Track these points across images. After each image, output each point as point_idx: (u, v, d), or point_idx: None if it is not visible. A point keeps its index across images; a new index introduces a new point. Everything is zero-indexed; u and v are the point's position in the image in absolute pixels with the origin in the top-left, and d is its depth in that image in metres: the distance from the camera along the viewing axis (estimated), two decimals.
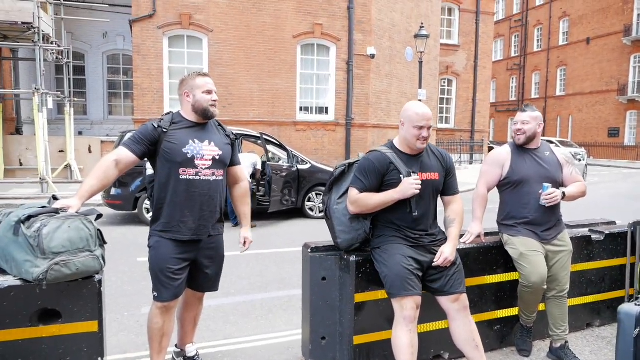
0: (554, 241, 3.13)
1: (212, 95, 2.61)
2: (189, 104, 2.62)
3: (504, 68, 40.79)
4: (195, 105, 2.60)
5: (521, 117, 3.14)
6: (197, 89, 2.59)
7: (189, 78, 2.64)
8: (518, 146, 3.18)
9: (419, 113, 2.57)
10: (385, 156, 2.64)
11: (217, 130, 2.75)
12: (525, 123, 3.12)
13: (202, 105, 2.59)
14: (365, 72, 14.45)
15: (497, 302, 3.33)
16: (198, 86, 2.59)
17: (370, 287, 2.84)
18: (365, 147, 14.75)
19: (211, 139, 2.64)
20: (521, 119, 3.14)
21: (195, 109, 2.60)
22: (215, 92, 2.65)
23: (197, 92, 2.58)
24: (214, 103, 2.63)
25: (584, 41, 33.96)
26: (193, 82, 2.61)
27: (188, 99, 2.61)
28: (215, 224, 2.70)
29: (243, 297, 4.44)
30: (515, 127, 3.16)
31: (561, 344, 3.19)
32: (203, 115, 2.62)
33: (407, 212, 2.60)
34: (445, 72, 21.29)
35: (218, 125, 2.78)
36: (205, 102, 2.59)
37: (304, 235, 7.27)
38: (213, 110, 2.63)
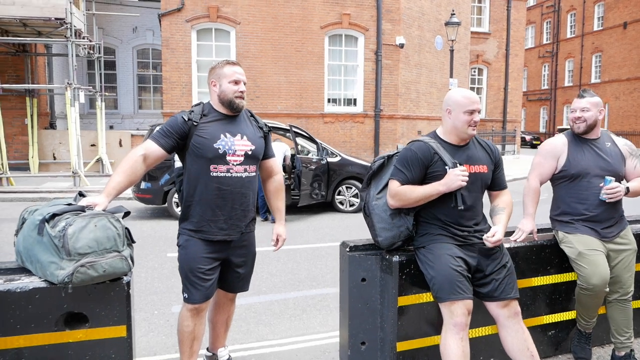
0: (616, 239, 2.84)
1: (239, 86, 2.42)
2: (215, 93, 2.45)
3: (536, 56, 39.49)
4: (220, 96, 2.42)
5: (579, 104, 2.84)
6: (224, 78, 2.41)
7: (218, 66, 2.46)
8: (576, 136, 2.89)
9: (468, 97, 2.38)
10: (428, 146, 2.41)
11: (250, 122, 2.57)
12: (584, 110, 2.81)
13: (227, 96, 2.41)
14: (394, 62, 14.10)
15: (551, 305, 3.06)
16: (225, 75, 2.41)
17: (415, 290, 2.62)
18: (394, 138, 14.45)
19: (243, 133, 2.46)
20: (580, 106, 2.83)
21: (221, 100, 2.43)
22: (244, 82, 2.46)
23: (223, 82, 2.41)
24: (241, 94, 2.44)
25: (620, 25, 32.47)
26: (221, 70, 2.43)
27: (215, 88, 2.44)
28: (249, 222, 2.53)
29: (275, 295, 4.29)
30: (573, 114, 2.86)
31: (626, 352, 2.90)
32: (229, 107, 2.44)
33: (452, 206, 2.37)
34: (475, 61, 20.64)
35: (250, 116, 2.60)
36: (231, 93, 2.41)
37: (335, 230, 7.11)
38: (239, 102, 2.44)
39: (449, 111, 2.41)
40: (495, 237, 2.35)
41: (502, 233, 2.39)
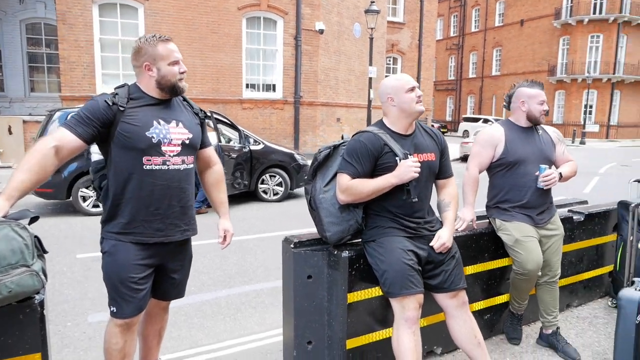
0: (547, 225, 2.97)
1: (180, 66, 2.11)
2: (152, 78, 2.08)
3: (443, 48, 41.69)
4: (161, 82, 2.08)
5: (544, 97, 2.92)
6: (162, 60, 2.06)
7: (147, 45, 2.07)
8: (513, 124, 2.95)
9: (401, 78, 2.37)
10: (378, 137, 2.30)
11: (184, 107, 2.25)
12: (545, 102, 2.91)
13: (170, 81, 2.08)
14: (313, 48, 14.02)
15: (487, 290, 3.15)
16: (162, 56, 2.06)
17: (364, 285, 2.53)
18: (314, 125, 14.44)
19: (179, 119, 2.15)
20: (544, 98, 2.91)
21: (161, 85, 2.09)
22: (182, 60, 2.16)
23: (161, 64, 2.06)
24: (183, 76, 2.14)
25: (518, 23, 35.31)
26: (154, 50, 2.06)
27: (151, 73, 2.07)
28: (189, 220, 2.25)
29: (205, 295, 4.00)
30: (542, 107, 2.90)
31: (552, 330, 3.06)
32: (171, 92, 2.13)
33: (404, 198, 2.29)
34: (390, 50, 21.24)
35: (183, 101, 2.27)
36: (174, 77, 2.09)
37: (261, 221, 6.88)
38: (182, 85, 2.13)
39: (391, 98, 2.32)
40: (438, 243, 2.34)
41: (447, 237, 2.37)
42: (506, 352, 3.03)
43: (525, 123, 2.93)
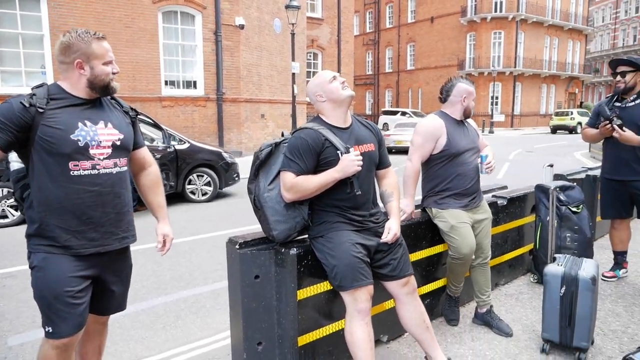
0: (479, 210, 3.15)
1: (113, 67, 1.97)
2: (82, 77, 1.92)
3: (361, 43, 42.76)
4: (94, 81, 1.92)
5: (473, 91, 3.10)
6: (96, 59, 1.91)
7: (80, 41, 1.90)
8: (449, 117, 3.09)
9: (320, 74, 2.42)
10: (318, 133, 2.31)
11: (112, 106, 2.09)
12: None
13: (103, 81, 1.93)
14: (234, 43, 13.74)
15: (426, 276, 3.28)
16: (95, 54, 1.91)
17: (313, 281, 2.52)
18: (238, 122, 14.19)
19: (108, 119, 2.00)
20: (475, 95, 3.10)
21: (93, 85, 1.93)
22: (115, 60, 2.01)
23: (96, 64, 1.91)
24: (115, 76, 1.99)
25: (428, 20, 37.11)
26: (88, 48, 1.90)
27: (82, 71, 1.91)
28: (127, 227, 2.10)
29: (140, 304, 3.78)
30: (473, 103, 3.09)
31: (487, 308, 3.27)
32: (102, 92, 1.98)
33: (347, 191, 2.32)
34: (311, 46, 21.41)
35: (111, 99, 2.11)
36: (107, 77, 1.94)
37: (191, 222, 6.64)
38: (114, 86, 1.99)
39: (319, 95, 2.36)
40: (390, 236, 2.39)
41: (397, 227, 2.43)
42: (446, 333, 3.19)
43: (460, 116, 3.09)
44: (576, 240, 3.84)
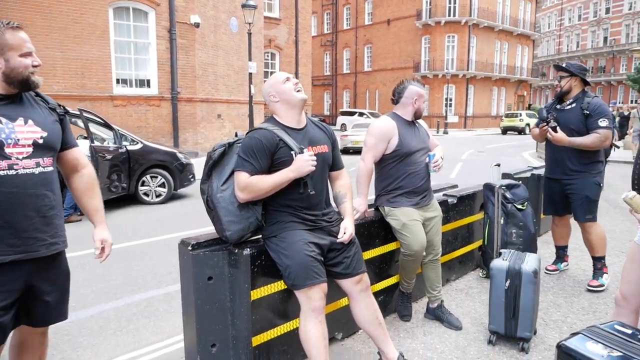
0: (429, 208, 3.25)
1: (33, 59, 1.86)
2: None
3: (319, 44, 42.96)
4: (10, 75, 1.80)
5: (424, 93, 3.18)
6: (12, 51, 1.79)
7: None
8: (400, 118, 3.17)
9: (274, 76, 2.46)
10: (272, 133, 2.32)
11: (36, 102, 1.96)
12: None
13: (21, 75, 1.82)
14: (189, 42, 13.49)
15: (380, 273, 3.35)
16: (10, 46, 1.79)
17: (267, 281, 2.53)
18: (194, 122, 13.94)
19: (28, 117, 1.87)
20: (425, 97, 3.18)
21: (9, 79, 1.81)
22: (35, 52, 1.91)
23: (11, 56, 1.79)
24: (36, 69, 1.88)
25: (385, 22, 37.74)
26: (2, 39, 1.79)
27: None
28: (55, 232, 1.96)
29: (89, 310, 3.65)
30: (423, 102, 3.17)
31: (438, 303, 3.37)
32: (21, 87, 1.86)
33: (301, 192, 2.35)
34: (268, 46, 21.31)
35: (36, 96, 1.98)
36: (26, 70, 1.83)
37: (145, 225, 6.48)
38: (36, 80, 1.88)
39: (272, 95, 2.38)
40: (347, 235, 2.43)
41: (352, 227, 2.48)
42: (399, 329, 3.27)
43: (411, 117, 3.17)
44: (521, 236, 4.02)
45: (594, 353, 1.48)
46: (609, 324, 1.65)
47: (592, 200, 3.88)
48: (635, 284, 2.23)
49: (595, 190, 3.87)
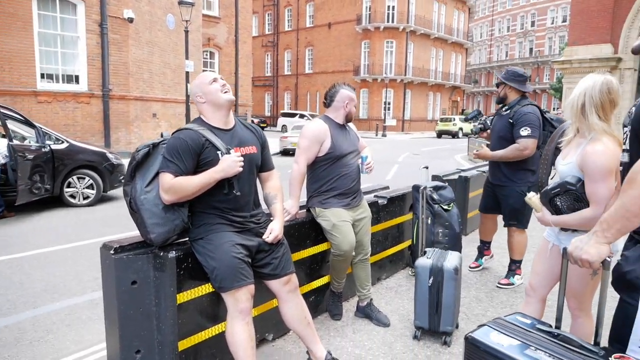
0: (359, 209, 3.34)
1: None
2: None
3: (260, 44, 42.68)
4: None
5: (355, 97, 3.25)
6: None
7: None
8: (331, 121, 3.23)
9: (202, 75, 2.44)
10: (198, 133, 2.30)
11: None
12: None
13: None
14: (122, 37, 12.95)
15: (311, 274, 3.40)
16: None
17: (193, 284, 2.49)
18: (127, 121, 13.41)
19: None
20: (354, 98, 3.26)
21: None
22: None
23: None
24: None
25: (326, 25, 38.15)
26: None
27: None
28: None
29: (3, 320, 3.41)
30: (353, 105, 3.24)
31: (367, 302, 3.47)
32: None
33: (225, 193, 2.34)
34: (207, 44, 20.89)
35: None
36: None
37: (71, 228, 6.14)
38: None
39: (199, 96, 2.37)
40: (272, 236, 2.45)
41: (279, 229, 2.50)
42: (330, 328, 3.33)
43: (342, 120, 3.24)
44: (447, 235, 4.23)
45: (496, 343, 1.59)
46: (512, 315, 1.79)
47: (515, 209, 4.06)
48: (542, 275, 2.43)
49: (518, 200, 3.94)
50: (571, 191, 2.02)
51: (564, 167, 2.20)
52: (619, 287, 1.63)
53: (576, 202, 2.01)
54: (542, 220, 2.25)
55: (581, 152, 2.09)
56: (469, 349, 1.65)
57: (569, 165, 2.16)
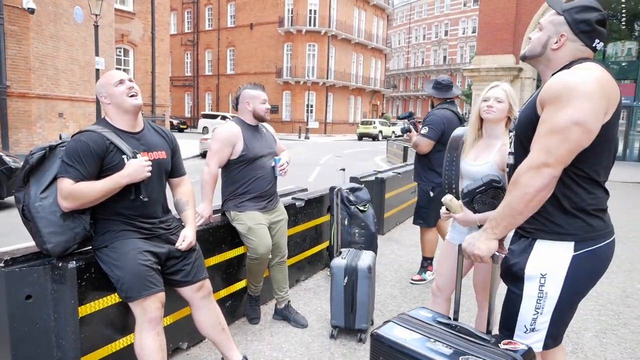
0: (275, 211, 3.34)
1: None
2: None
3: (179, 43, 41.31)
4: None
5: (264, 96, 3.22)
6: None
7: None
8: (245, 123, 3.20)
9: (108, 74, 2.33)
10: (101, 136, 2.19)
11: None
12: (265, 102, 3.22)
13: None
14: (22, 29, 11.93)
15: (227, 279, 3.34)
16: None
17: (97, 295, 2.35)
18: (29, 121, 12.37)
19: None
20: (267, 98, 3.23)
21: None
22: None
23: None
24: None
25: (248, 26, 37.78)
26: None
27: None
28: None
29: None
30: (264, 105, 3.19)
31: (285, 304, 3.48)
32: None
33: (132, 199, 2.24)
34: (121, 41, 19.81)
35: None
36: None
37: None
38: None
39: (105, 96, 2.27)
40: (185, 244, 2.39)
41: (192, 235, 2.44)
42: (247, 332, 3.30)
43: (253, 121, 3.22)
44: (363, 235, 4.36)
45: (399, 337, 1.67)
46: (415, 310, 1.88)
47: (420, 207, 4.31)
48: (447, 276, 2.57)
49: (423, 198, 4.24)
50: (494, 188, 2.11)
51: (480, 167, 2.35)
52: (506, 278, 1.78)
53: (493, 200, 2.12)
54: (464, 220, 2.29)
55: (500, 151, 2.31)
56: (375, 345, 1.71)
57: (487, 165, 2.33)
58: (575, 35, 1.64)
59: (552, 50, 1.69)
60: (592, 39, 1.64)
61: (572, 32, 1.65)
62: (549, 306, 1.67)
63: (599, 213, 1.66)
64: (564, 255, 1.64)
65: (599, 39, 1.64)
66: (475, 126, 2.46)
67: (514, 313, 1.74)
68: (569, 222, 1.63)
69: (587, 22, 1.62)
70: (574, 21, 1.64)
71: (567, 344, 3.24)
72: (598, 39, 1.64)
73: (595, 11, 1.64)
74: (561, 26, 1.67)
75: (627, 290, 4.41)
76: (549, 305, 1.67)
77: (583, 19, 1.63)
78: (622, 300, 4.17)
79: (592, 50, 1.65)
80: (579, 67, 1.60)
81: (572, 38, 1.65)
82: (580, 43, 1.65)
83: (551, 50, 1.69)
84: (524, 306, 1.70)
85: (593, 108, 1.50)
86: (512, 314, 1.74)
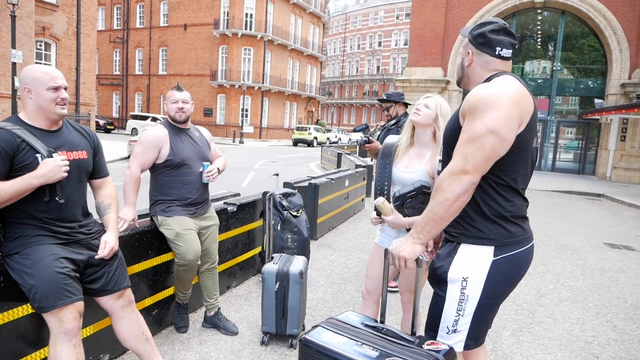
0: (205, 216, 3.26)
1: None
2: None
3: (107, 40, 39.36)
4: None
5: (182, 96, 3.09)
6: None
7: None
8: (174, 126, 3.10)
9: (48, 72, 2.16)
10: (12, 133, 2.04)
11: None
12: (185, 102, 3.09)
13: None
14: None
15: (154, 286, 3.22)
16: None
17: (8, 306, 2.17)
18: None
19: None
20: (182, 98, 3.09)
21: None
22: None
23: None
24: None
25: (181, 26, 36.78)
26: None
27: None
28: None
29: None
30: (175, 105, 3.07)
31: (215, 311, 3.40)
32: None
33: (47, 201, 2.10)
34: (42, 34, 18.51)
35: None
36: None
37: None
38: None
39: (29, 90, 2.12)
40: (107, 250, 2.27)
41: (114, 241, 2.33)
42: (175, 342, 3.18)
43: (178, 123, 3.13)
44: (296, 240, 4.36)
45: (327, 342, 1.69)
46: (343, 314, 1.91)
47: None
48: (376, 279, 2.64)
49: None
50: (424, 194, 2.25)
51: (411, 174, 2.45)
52: (432, 281, 1.86)
53: (422, 205, 2.23)
54: (394, 223, 2.38)
55: (430, 160, 2.43)
56: (303, 350, 1.72)
57: (418, 172, 2.44)
58: (477, 49, 1.81)
59: (467, 68, 1.86)
60: (492, 48, 1.78)
61: (475, 47, 1.82)
62: (470, 308, 1.77)
63: (518, 220, 1.78)
64: (484, 259, 1.74)
65: (500, 46, 1.79)
66: (408, 133, 2.59)
67: (438, 315, 1.81)
68: (489, 227, 1.74)
69: (482, 35, 1.79)
70: (473, 38, 1.82)
71: (487, 342, 3.44)
72: (499, 46, 1.79)
73: (490, 24, 1.81)
74: (468, 46, 1.85)
75: (540, 291, 4.76)
76: (470, 307, 1.76)
77: (478, 33, 1.80)
78: (536, 300, 4.50)
79: (499, 58, 1.78)
80: (496, 80, 1.72)
81: (476, 52, 1.82)
82: (485, 55, 1.80)
83: (467, 68, 1.86)
84: (446, 308, 1.79)
85: (506, 118, 1.62)
86: (436, 315, 1.82)
